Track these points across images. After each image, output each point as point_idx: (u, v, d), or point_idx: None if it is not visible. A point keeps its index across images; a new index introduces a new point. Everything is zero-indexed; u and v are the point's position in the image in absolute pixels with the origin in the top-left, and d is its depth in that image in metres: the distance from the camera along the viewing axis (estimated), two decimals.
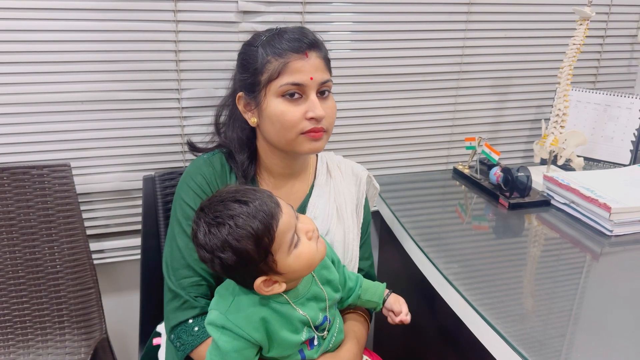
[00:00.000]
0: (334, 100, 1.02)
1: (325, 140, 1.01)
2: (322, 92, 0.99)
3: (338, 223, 1.11)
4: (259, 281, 0.82)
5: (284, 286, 0.85)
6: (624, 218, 1.25)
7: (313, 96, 0.97)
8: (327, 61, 1.01)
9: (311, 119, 0.96)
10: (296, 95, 0.96)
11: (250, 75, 0.98)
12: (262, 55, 0.96)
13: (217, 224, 0.79)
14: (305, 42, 0.96)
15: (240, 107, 1.03)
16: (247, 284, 0.85)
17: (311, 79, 0.96)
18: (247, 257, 0.79)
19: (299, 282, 0.90)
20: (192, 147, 1.16)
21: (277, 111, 0.96)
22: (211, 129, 1.15)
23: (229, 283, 0.91)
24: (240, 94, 1.02)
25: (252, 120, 1.01)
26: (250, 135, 1.06)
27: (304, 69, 0.95)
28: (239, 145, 1.05)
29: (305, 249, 0.84)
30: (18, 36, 1.22)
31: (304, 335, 0.89)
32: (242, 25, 1.36)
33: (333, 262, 1.00)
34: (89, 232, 1.36)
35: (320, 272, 0.95)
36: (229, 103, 1.09)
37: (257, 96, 0.98)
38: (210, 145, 1.14)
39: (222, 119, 1.12)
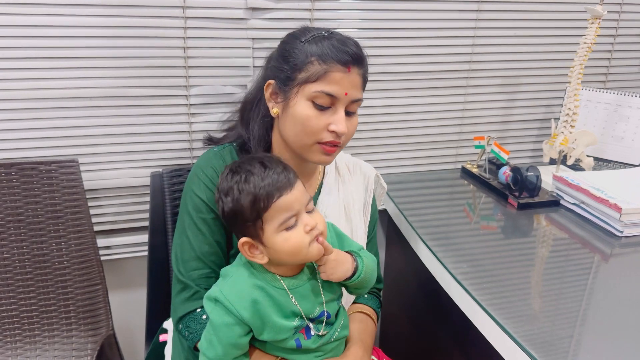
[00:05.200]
0: (357, 119, 1.01)
1: (335, 155, 1.00)
2: (350, 110, 0.98)
3: (346, 222, 1.11)
4: (243, 240, 0.86)
5: (266, 259, 0.86)
6: (634, 219, 1.24)
7: (341, 111, 0.96)
8: (364, 80, 0.99)
9: (332, 132, 0.96)
10: (325, 105, 0.95)
11: (289, 68, 0.96)
12: (306, 53, 0.94)
13: (234, 172, 0.87)
14: (352, 55, 0.94)
15: (267, 94, 1.01)
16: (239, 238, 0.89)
17: (345, 94, 0.94)
18: (240, 211, 0.84)
19: (294, 271, 0.90)
20: (209, 140, 1.15)
21: (302, 114, 0.95)
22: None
23: (232, 265, 0.93)
24: (270, 81, 0.99)
25: (274, 110, 1.00)
26: (268, 128, 1.05)
27: (342, 83, 0.94)
28: (257, 140, 1.04)
29: (295, 236, 0.84)
30: (26, 32, 1.23)
31: (295, 322, 0.89)
32: (251, 22, 1.36)
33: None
34: (96, 228, 1.36)
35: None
36: (258, 91, 1.07)
37: (287, 90, 0.96)
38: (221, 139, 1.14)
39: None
